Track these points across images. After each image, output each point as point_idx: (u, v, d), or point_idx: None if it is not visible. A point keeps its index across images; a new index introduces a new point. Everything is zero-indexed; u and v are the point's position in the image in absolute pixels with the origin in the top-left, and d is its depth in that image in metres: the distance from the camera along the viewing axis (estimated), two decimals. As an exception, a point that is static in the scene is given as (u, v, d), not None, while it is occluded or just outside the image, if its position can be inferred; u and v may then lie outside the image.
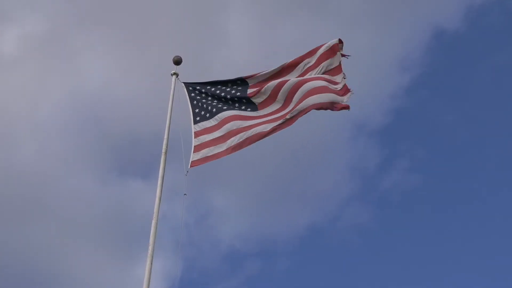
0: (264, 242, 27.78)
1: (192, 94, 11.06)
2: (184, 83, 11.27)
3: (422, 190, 29.43)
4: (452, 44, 32.46)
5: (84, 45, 30.04)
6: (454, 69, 32.72)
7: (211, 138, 10.40)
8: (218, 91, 11.10)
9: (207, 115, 10.84)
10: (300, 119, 10.59)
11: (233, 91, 11.07)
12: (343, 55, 10.88)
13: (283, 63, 11.17)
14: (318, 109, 10.41)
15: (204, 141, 10.39)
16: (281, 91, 10.69)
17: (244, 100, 10.92)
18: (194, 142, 10.36)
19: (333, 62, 10.91)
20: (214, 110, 10.83)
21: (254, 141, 10.33)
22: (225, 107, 10.84)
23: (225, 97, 10.99)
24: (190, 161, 10.09)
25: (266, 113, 10.72)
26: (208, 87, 11.17)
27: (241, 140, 10.32)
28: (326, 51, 10.94)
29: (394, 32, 32.29)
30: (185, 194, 9.68)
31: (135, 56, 28.36)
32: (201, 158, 10.17)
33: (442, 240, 27.59)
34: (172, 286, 9.50)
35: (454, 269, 26.53)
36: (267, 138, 10.52)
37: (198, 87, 11.19)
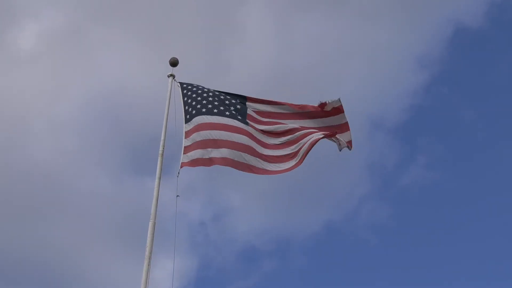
0: (281, 240, 27.68)
1: (185, 91, 10.84)
2: (179, 83, 11.07)
3: (440, 187, 29.17)
4: (473, 41, 32.04)
5: (102, 42, 30.14)
6: (474, 66, 32.28)
7: (200, 139, 10.15)
8: (216, 92, 10.88)
9: (203, 110, 10.52)
10: None
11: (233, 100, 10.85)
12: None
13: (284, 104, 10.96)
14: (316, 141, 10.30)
15: (194, 141, 10.16)
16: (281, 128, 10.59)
17: (238, 106, 10.72)
18: (185, 142, 10.14)
19: (338, 120, 10.81)
20: (204, 110, 10.55)
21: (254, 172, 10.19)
22: (216, 110, 10.56)
23: (220, 99, 10.77)
24: (180, 162, 9.90)
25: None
26: (205, 89, 10.95)
27: (238, 160, 10.12)
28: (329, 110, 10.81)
29: (414, 29, 31.94)
30: (177, 195, 9.57)
31: (152, 53, 28.29)
32: (190, 161, 9.95)
33: (460, 238, 27.25)
34: (187, 285, 9.43)
35: (471, 267, 26.19)
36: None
37: (191, 88, 10.93)
